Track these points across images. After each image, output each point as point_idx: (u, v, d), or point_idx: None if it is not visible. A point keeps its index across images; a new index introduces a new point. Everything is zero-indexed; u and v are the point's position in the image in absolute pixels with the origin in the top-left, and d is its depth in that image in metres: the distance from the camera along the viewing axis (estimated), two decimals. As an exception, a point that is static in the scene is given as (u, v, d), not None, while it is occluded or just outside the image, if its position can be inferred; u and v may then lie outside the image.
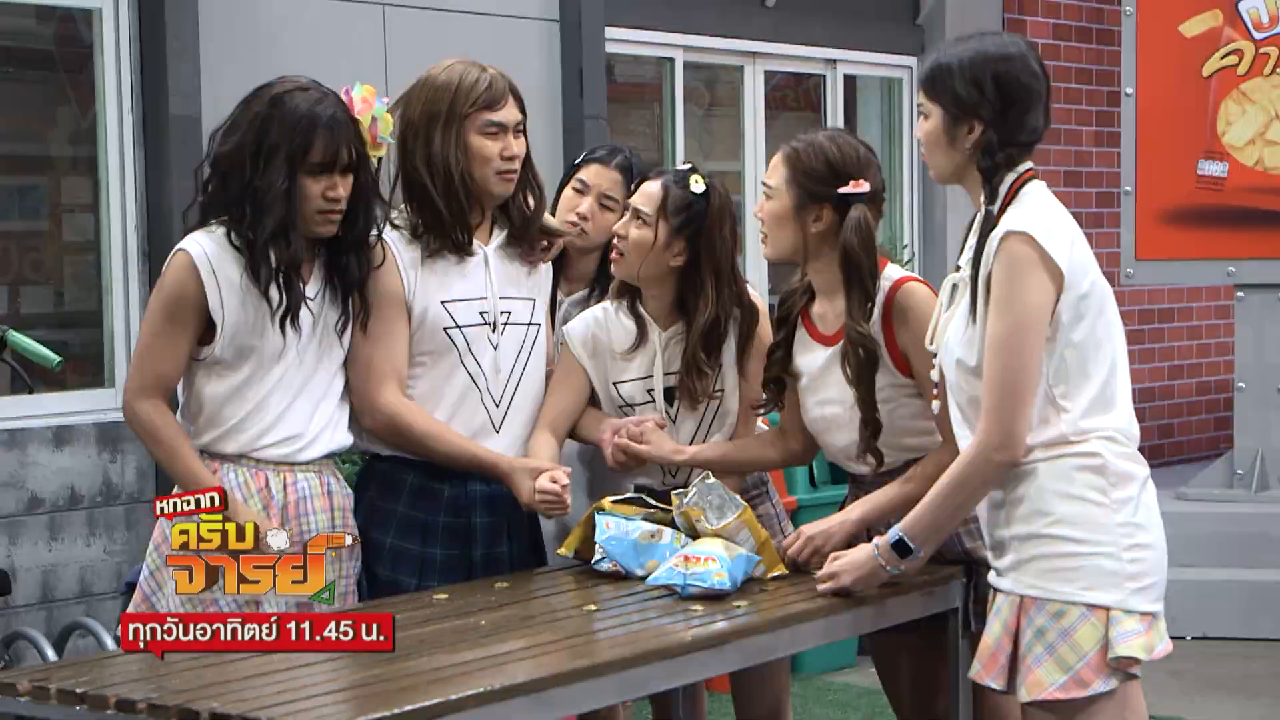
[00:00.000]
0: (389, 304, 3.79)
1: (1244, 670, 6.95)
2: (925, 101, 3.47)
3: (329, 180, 3.65)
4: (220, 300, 3.60)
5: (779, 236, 3.85)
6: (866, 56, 8.89)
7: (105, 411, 5.91)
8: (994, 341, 3.31)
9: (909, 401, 3.81)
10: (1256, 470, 7.93)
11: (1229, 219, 7.84)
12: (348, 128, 3.68)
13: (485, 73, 3.84)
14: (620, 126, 7.86)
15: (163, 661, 3.03)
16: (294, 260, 3.63)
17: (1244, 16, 7.88)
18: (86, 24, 6.04)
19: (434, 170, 3.80)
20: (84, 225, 6.21)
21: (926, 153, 3.51)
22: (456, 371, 3.85)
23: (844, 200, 3.80)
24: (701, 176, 3.98)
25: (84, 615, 5.53)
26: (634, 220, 3.95)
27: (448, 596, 3.61)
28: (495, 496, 3.88)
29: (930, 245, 9.14)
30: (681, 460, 3.96)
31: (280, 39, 6.22)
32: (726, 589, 3.58)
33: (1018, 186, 3.40)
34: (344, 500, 3.79)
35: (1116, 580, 3.29)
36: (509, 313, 3.90)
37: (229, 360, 3.63)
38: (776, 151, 3.91)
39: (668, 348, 4.00)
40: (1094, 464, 3.32)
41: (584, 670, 3.07)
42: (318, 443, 3.73)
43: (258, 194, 3.59)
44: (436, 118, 3.80)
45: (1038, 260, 3.29)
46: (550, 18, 7.24)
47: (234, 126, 3.66)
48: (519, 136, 3.87)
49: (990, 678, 3.40)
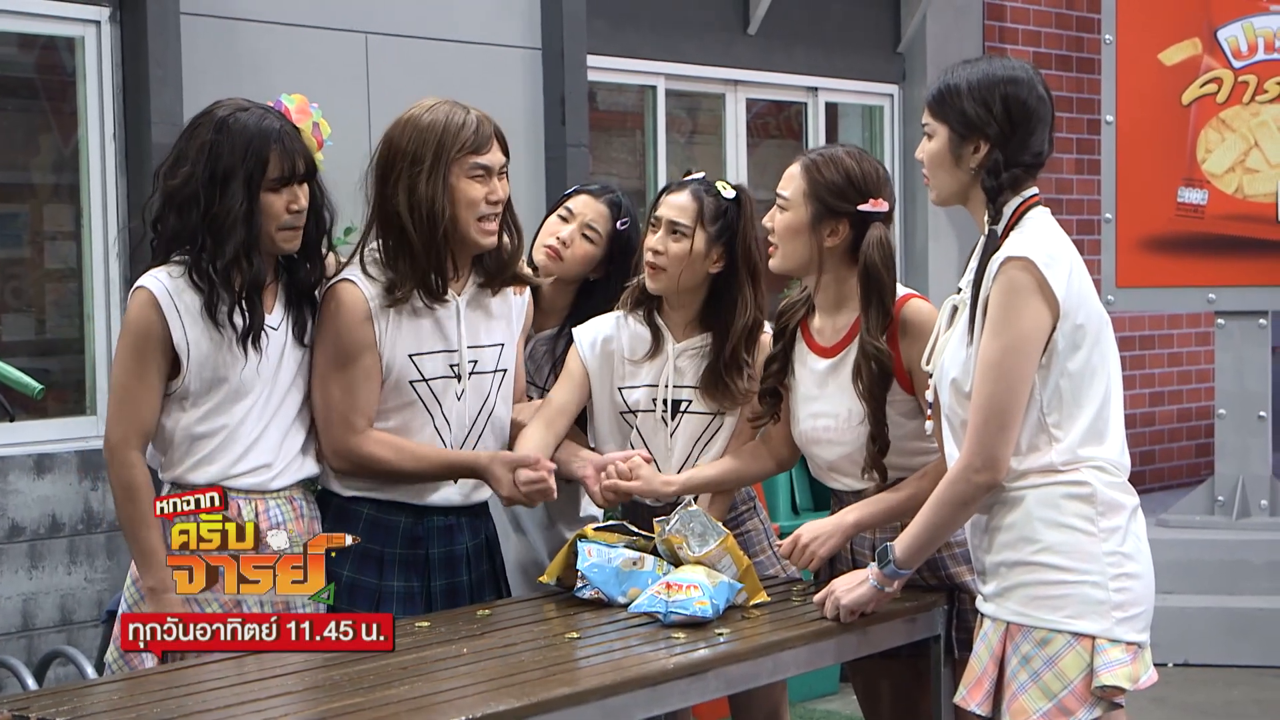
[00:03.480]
0: (361, 350, 3.75)
1: (1225, 697, 6.96)
2: (931, 121, 3.48)
3: (290, 193, 3.64)
4: (184, 333, 3.58)
5: (791, 249, 3.85)
6: (848, 84, 8.92)
7: (86, 439, 5.90)
8: (985, 364, 3.32)
9: (904, 421, 3.82)
10: (1237, 497, 7.94)
11: (1209, 246, 7.87)
12: (297, 138, 3.68)
13: (470, 114, 3.79)
14: (602, 154, 7.87)
15: (143, 690, 3.02)
16: (257, 281, 3.61)
17: (1223, 45, 7.92)
18: (69, 52, 6.04)
19: (416, 214, 3.73)
20: (66, 253, 6.20)
21: (930, 172, 3.51)
22: (421, 424, 3.83)
23: (861, 217, 3.81)
24: (726, 183, 4.01)
25: (64, 644, 5.50)
26: (669, 235, 3.94)
27: (429, 624, 3.60)
28: (452, 527, 3.88)
29: (912, 271, 9.16)
30: (672, 491, 3.94)
31: (263, 67, 6.23)
32: (709, 616, 3.58)
33: (1022, 211, 3.41)
34: (313, 524, 3.78)
35: (1102, 609, 3.30)
36: (476, 361, 3.88)
37: (197, 391, 3.61)
38: (793, 163, 3.90)
39: (680, 359, 4.00)
40: (1083, 492, 3.32)
41: (566, 698, 3.07)
42: (288, 471, 3.71)
43: (216, 221, 3.57)
44: (421, 160, 3.73)
45: (1036, 287, 3.30)
46: (533, 46, 7.26)
47: (181, 158, 3.63)
48: (503, 179, 3.84)
49: (976, 704, 3.40)
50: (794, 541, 3.79)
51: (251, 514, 3.65)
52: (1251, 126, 7.89)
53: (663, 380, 4.01)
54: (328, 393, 3.76)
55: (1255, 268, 7.89)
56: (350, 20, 6.62)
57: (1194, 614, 7.43)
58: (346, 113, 4.58)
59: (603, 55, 7.59)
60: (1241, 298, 7.94)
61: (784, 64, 8.51)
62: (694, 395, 4.01)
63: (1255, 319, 8.01)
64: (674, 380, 4.00)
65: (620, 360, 4.04)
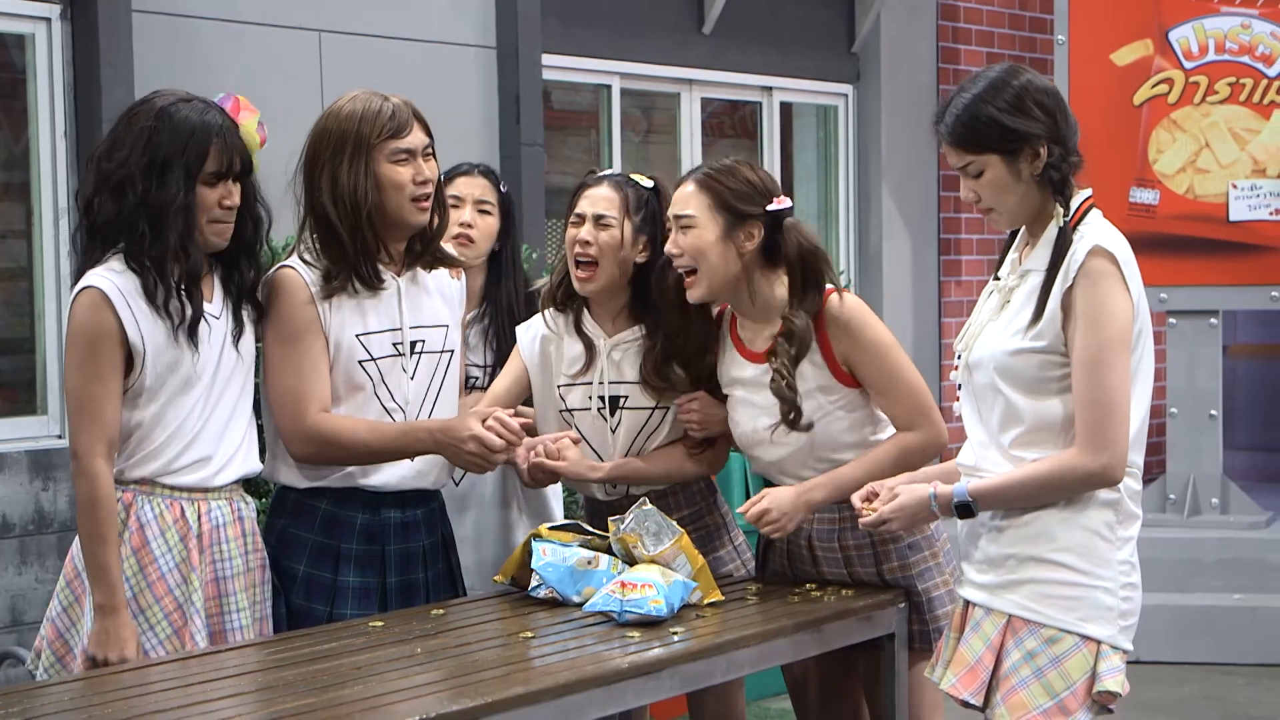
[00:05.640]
0: (307, 331, 3.77)
1: (1176, 694, 7.00)
2: (974, 158, 3.36)
3: (224, 188, 3.63)
4: (139, 328, 3.55)
5: (711, 267, 3.83)
6: (802, 84, 8.93)
7: (37, 439, 5.86)
8: (1087, 361, 3.26)
9: (842, 415, 3.84)
10: (1188, 495, 8.00)
11: (1160, 246, 7.91)
12: (237, 135, 3.67)
13: (388, 101, 3.82)
14: (557, 153, 7.86)
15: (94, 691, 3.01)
16: (194, 272, 3.60)
17: (1174, 46, 7.97)
18: (19, 49, 6.00)
19: (340, 204, 3.76)
20: (17, 252, 6.15)
21: (994, 203, 3.40)
22: (370, 404, 3.83)
23: (771, 217, 3.83)
24: (641, 174, 4.05)
25: (14, 644, 5.46)
26: (596, 227, 3.95)
27: (383, 624, 3.60)
28: (409, 523, 3.88)
29: (866, 271, 9.19)
30: (598, 477, 3.97)
31: (215, 65, 6.19)
32: (663, 615, 3.58)
33: (1084, 210, 3.38)
34: (252, 525, 3.77)
35: (1111, 616, 3.33)
36: (422, 341, 3.89)
37: (151, 387, 3.58)
38: (681, 185, 3.88)
39: (612, 353, 4.00)
40: (1110, 498, 3.33)
41: (520, 697, 3.07)
42: (229, 467, 3.69)
43: (154, 209, 3.55)
44: (341, 150, 3.77)
45: (1120, 279, 3.29)
46: (487, 45, 7.24)
47: (117, 143, 3.60)
48: (429, 159, 3.86)
49: (969, 693, 3.40)
50: (762, 512, 3.80)
51: (195, 516, 3.63)
52: (1202, 127, 7.94)
53: (596, 378, 4.01)
54: (280, 378, 3.77)
55: (1206, 267, 7.94)
56: (304, 18, 6.60)
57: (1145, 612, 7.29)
58: (301, 111, 4.56)
59: (557, 54, 7.58)
60: (1193, 297, 8.00)
61: (739, 63, 8.52)
62: (632, 390, 4.02)
63: (1206, 318, 8.07)
64: (611, 376, 4.01)
65: (557, 360, 4.05)
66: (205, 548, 3.63)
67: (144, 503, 3.59)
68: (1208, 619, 7.50)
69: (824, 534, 3.93)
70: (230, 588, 3.67)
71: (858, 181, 9.20)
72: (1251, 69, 7.92)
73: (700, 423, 3.98)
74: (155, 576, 3.58)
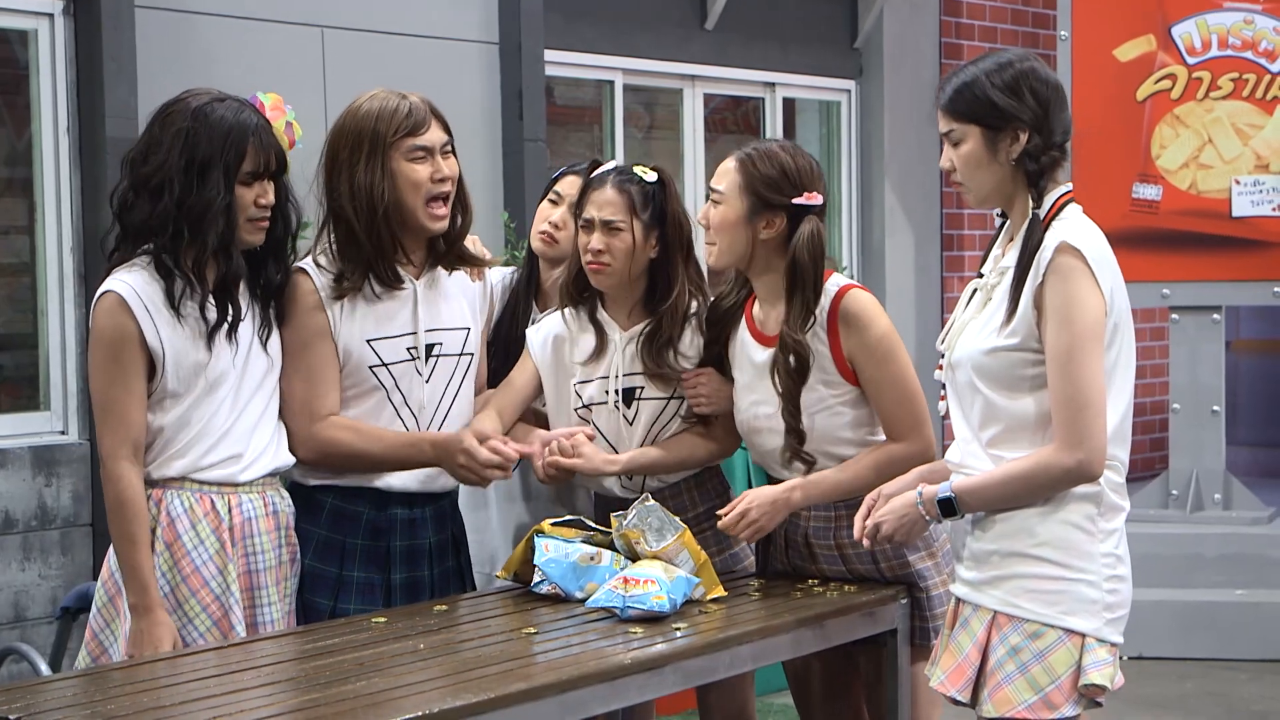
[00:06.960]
0: (315, 338, 3.78)
1: (1178, 690, 7.01)
2: (957, 125, 3.39)
3: (261, 187, 3.65)
4: (157, 333, 3.56)
5: (728, 243, 3.87)
6: (805, 80, 8.93)
7: (40, 435, 5.86)
8: (1059, 357, 3.26)
9: (844, 410, 3.84)
10: (1191, 491, 8.00)
11: (1163, 242, 7.92)
12: (271, 133, 3.69)
13: (406, 99, 3.83)
14: (560, 149, 7.86)
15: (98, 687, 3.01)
16: (237, 274, 3.63)
17: (1177, 42, 7.97)
18: (22, 45, 6.00)
19: (357, 202, 3.77)
20: (19, 247, 6.16)
21: (965, 176, 3.43)
22: (383, 408, 3.84)
23: (796, 210, 3.83)
24: (644, 166, 4.03)
25: (18, 640, 5.47)
26: (607, 233, 3.94)
27: (386, 620, 3.60)
28: (415, 521, 3.88)
29: (868, 267, 9.18)
30: (614, 470, 3.96)
31: (218, 60, 6.19)
32: (666, 611, 3.58)
33: (1061, 204, 3.38)
34: (288, 519, 3.78)
35: (1095, 609, 3.31)
36: (439, 344, 3.89)
37: (175, 390, 3.59)
38: (727, 157, 3.90)
39: (626, 348, 4.01)
40: (1090, 492, 3.32)
41: (522, 693, 3.07)
42: (259, 463, 3.70)
43: (195, 211, 3.56)
44: (359, 149, 3.77)
45: (1090, 275, 3.28)
46: (490, 40, 7.24)
47: (153, 144, 3.61)
48: (448, 157, 3.86)
49: (956, 690, 3.40)
50: (740, 515, 3.81)
51: (226, 508, 3.64)
52: (1205, 123, 7.94)
53: (611, 371, 4.01)
54: (291, 384, 3.79)
55: (1209, 263, 7.94)
56: (306, 14, 6.60)
57: (1147, 607, 7.44)
58: (304, 107, 4.56)
59: (560, 50, 7.58)
60: (1195, 293, 8.00)
61: (741, 59, 8.51)
62: (645, 381, 4.02)
63: (1209, 314, 8.06)
64: (624, 369, 4.01)
65: (571, 358, 4.05)
66: (238, 540, 3.65)
67: (173, 498, 3.60)
68: (1210, 614, 7.50)
69: (820, 531, 3.93)
70: (263, 580, 3.69)
71: (860, 177, 9.20)
72: (1254, 64, 7.92)
73: (708, 397, 3.98)
74: (190, 570, 3.59)
